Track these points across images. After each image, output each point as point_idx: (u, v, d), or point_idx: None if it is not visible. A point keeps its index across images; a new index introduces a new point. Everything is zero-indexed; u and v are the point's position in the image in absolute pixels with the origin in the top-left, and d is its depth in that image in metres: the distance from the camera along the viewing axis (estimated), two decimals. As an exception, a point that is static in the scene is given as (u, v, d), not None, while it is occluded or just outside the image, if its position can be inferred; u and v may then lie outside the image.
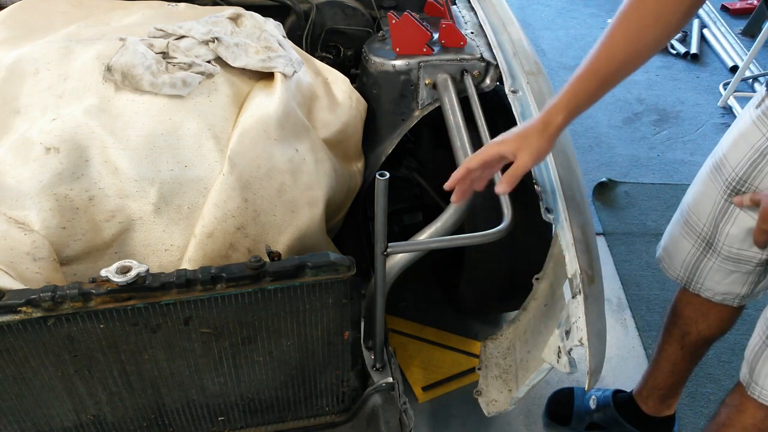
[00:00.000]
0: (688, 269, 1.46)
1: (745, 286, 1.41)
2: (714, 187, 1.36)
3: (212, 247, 1.27)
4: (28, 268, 1.18)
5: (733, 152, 1.31)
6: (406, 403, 1.36)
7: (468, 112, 1.50)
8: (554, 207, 1.26)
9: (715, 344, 1.64)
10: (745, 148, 1.28)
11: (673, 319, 1.61)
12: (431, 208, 1.76)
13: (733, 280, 1.41)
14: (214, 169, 1.29)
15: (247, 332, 1.21)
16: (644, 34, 1.06)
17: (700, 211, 1.40)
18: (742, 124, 1.31)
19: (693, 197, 1.43)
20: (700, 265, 1.43)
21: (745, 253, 1.35)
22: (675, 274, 1.50)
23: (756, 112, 1.27)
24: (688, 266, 1.46)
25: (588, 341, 1.10)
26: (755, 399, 1.25)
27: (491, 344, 1.50)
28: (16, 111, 1.31)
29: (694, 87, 3.39)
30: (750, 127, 1.28)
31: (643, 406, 1.73)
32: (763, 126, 1.25)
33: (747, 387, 1.26)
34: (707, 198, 1.37)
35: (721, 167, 1.34)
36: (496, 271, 1.67)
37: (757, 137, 1.26)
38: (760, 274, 1.38)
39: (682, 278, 1.48)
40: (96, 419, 1.27)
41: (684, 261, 1.46)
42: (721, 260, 1.39)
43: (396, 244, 1.20)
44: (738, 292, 1.43)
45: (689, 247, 1.44)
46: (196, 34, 1.41)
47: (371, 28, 1.94)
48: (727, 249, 1.36)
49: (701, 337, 1.56)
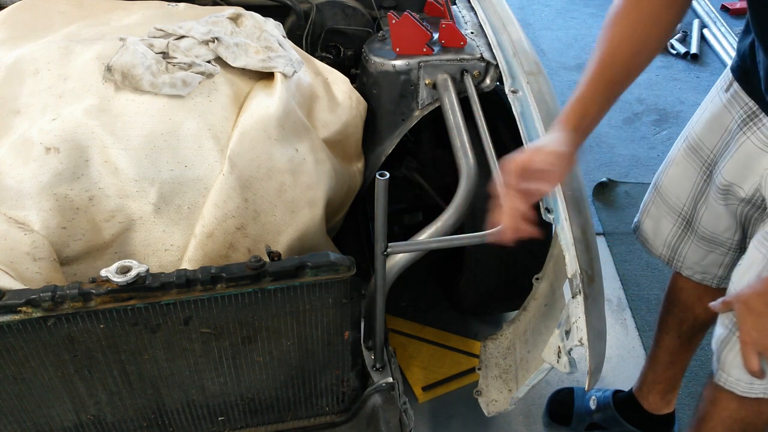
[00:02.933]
0: (670, 247, 1.50)
1: (721, 268, 1.45)
2: (693, 168, 1.39)
3: (212, 247, 1.27)
4: (28, 268, 1.18)
5: (708, 134, 1.34)
6: (406, 403, 1.36)
7: (468, 112, 1.50)
8: (554, 207, 1.26)
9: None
10: (719, 131, 1.31)
11: (668, 308, 1.63)
12: (431, 208, 1.76)
13: (710, 260, 1.45)
14: (214, 169, 1.29)
15: (247, 332, 1.21)
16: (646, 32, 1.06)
17: (679, 192, 1.43)
18: (713, 107, 1.33)
19: (671, 178, 1.45)
20: (681, 243, 1.47)
21: (718, 237, 1.39)
22: (657, 252, 1.53)
23: (726, 96, 1.30)
24: (670, 245, 1.50)
25: (588, 341, 1.10)
26: (726, 389, 1.26)
27: (491, 344, 1.50)
28: (16, 111, 1.31)
29: (694, 87, 3.39)
30: (721, 110, 1.30)
31: (643, 402, 1.74)
32: (732, 109, 1.27)
33: (716, 377, 1.27)
34: (686, 179, 1.41)
35: (697, 149, 1.37)
36: (496, 271, 1.67)
37: (728, 120, 1.29)
38: (734, 258, 1.41)
39: (664, 256, 1.52)
40: (96, 419, 1.27)
41: (665, 240, 1.50)
42: (697, 239, 1.43)
43: (396, 244, 1.20)
44: (715, 273, 1.47)
45: (670, 226, 1.48)
46: (196, 34, 1.41)
47: (371, 28, 1.94)
48: (702, 230, 1.40)
49: (698, 321, 1.59)
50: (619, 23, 1.07)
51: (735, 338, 1.20)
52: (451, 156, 1.44)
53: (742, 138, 1.24)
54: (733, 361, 1.22)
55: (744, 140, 1.23)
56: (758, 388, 1.23)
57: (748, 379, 1.22)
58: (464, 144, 1.42)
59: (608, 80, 1.08)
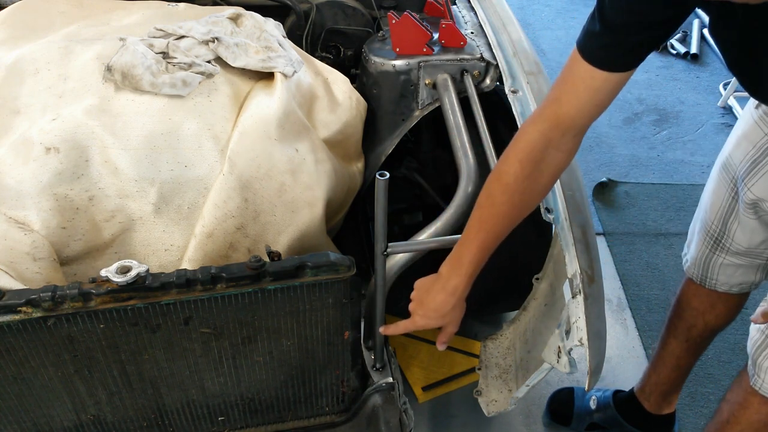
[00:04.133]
0: (701, 267, 1.50)
1: (758, 273, 1.46)
2: (723, 186, 1.40)
3: (212, 247, 1.27)
4: (28, 268, 1.18)
5: (737, 151, 1.35)
6: (406, 403, 1.36)
7: (468, 112, 1.50)
8: (554, 207, 1.26)
9: (715, 344, 1.65)
10: (747, 147, 1.31)
11: (678, 313, 1.62)
12: (431, 208, 1.75)
13: (743, 271, 1.45)
14: (214, 169, 1.29)
15: (247, 332, 1.21)
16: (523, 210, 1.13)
17: (711, 209, 1.44)
18: (744, 124, 1.34)
19: (707, 196, 1.47)
20: (710, 262, 1.47)
21: (753, 250, 1.39)
22: (689, 273, 1.54)
23: (757, 113, 1.30)
24: (700, 264, 1.50)
25: (588, 341, 1.10)
26: (760, 393, 1.25)
27: (491, 344, 1.50)
28: (16, 111, 1.31)
29: (694, 87, 3.39)
30: (752, 127, 1.30)
31: (645, 403, 1.74)
32: (764, 125, 1.27)
33: (752, 381, 1.27)
34: (717, 196, 1.42)
35: (727, 166, 1.38)
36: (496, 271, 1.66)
37: (760, 136, 1.28)
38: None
39: (697, 276, 1.52)
40: (96, 419, 1.27)
41: (696, 259, 1.51)
42: (731, 255, 1.43)
43: (396, 244, 1.20)
44: (752, 280, 1.47)
45: (700, 245, 1.48)
46: (196, 34, 1.41)
47: (371, 28, 1.94)
48: (736, 246, 1.40)
49: (708, 328, 1.59)
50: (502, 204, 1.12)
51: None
52: (451, 156, 1.44)
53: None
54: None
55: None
56: None
57: None
58: (464, 144, 1.42)
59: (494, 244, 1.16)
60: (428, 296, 1.19)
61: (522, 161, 1.08)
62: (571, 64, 1.03)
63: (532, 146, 1.07)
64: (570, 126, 1.06)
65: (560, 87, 1.06)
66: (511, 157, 1.09)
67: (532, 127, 1.08)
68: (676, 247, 2.43)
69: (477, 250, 1.14)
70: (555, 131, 1.06)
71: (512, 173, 1.09)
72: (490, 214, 1.13)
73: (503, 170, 1.10)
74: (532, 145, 1.07)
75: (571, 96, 1.04)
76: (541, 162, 1.08)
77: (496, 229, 1.13)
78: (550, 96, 1.08)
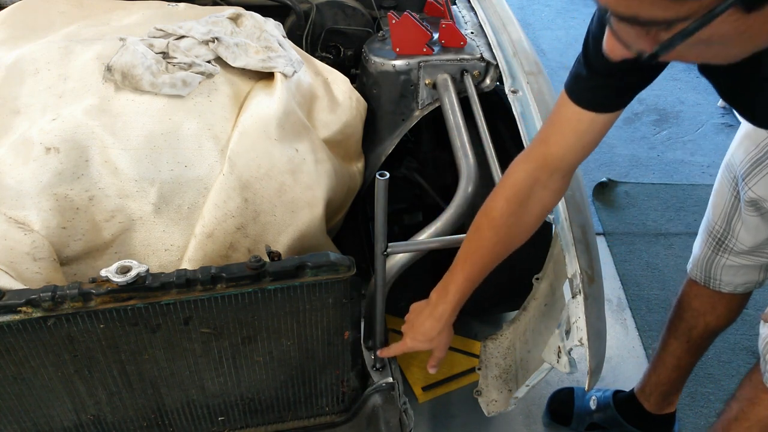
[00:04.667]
0: (703, 268, 1.50)
1: (762, 272, 1.46)
2: (725, 186, 1.41)
3: (212, 247, 1.27)
4: (28, 268, 1.18)
5: (738, 151, 1.36)
6: (406, 403, 1.36)
7: (468, 112, 1.50)
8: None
9: (716, 344, 1.64)
10: (749, 147, 1.32)
11: (679, 314, 1.62)
12: (431, 208, 1.76)
13: (747, 270, 1.45)
14: (214, 169, 1.29)
15: (247, 332, 1.21)
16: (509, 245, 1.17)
17: (714, 210, 1.45)
18: (747, 125, 1.34)
19: (712, 197, 1.47)
20: (713, 263, 1.48)
21: (759, 248, 1.39)
22: (692, 275, 1.54)
23: None
24: (703, 265, 1.50)
25: (588, 341, 1.10)
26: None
27: (491, 344, 1.50)
28: (16, 111, 1.31)
29: (694, 87, 3.39)
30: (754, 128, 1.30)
31: (645, 403, 1.74)
32: None
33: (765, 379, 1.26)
34: (720, 197, 1.42)
35: (730, 167, 1.39)
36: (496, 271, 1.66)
37: (763, 136, 1.29)
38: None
39: (701, 278, 1.52)
40: (96, 419, 1.27)
41: (699, 260, 1.51)
42: (734, 255, 1.43)
43: (396, 244, 1.21)
44: (756, 279, 1.47)
45: (703, 246, 1.49)
46: (196, 34, 1.41)
47: (371, 28, 1.94)
48: (740, 246, 1.40)
49: (709, 329, 1.59)
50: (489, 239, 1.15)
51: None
52: (451, 156, 1.44)
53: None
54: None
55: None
56: None
57: None
58: (464, 144, 1.42)
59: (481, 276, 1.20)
60: (418, 320, 1.25)
61: (509, 199, 1.11)
62: (559, 106, 1.05)
63: (519, 185, 1.11)
64: (557, 166, 1.09)
65: (548, 128, 1.09)
66: (499, 195, 1.13)
67: (520, 167, 1.12)
68: (676, 247, 2.43)
69: (463, 281, 1.19)
70: (542, 171, 1.09)
71: (498, 209, 1.13)
72: (477, 247, 1.17)
73: (490, 206, 1.14)
74: (520, 184, 1.11)
75: (558, 137, 1.06)
76: (527, 201, 1.11)
77: (483, 261, 1.18)
78: (538, 137, 1.11)
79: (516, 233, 1.15)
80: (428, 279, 1.36)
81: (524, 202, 1.11)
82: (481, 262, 1.18)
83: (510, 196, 1.11)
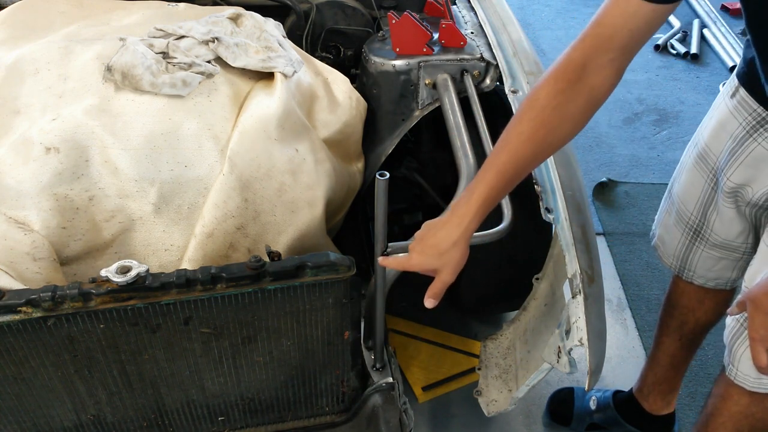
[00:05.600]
0: (680, 258, 1.50)
1: (735, 270, 1.45)
2: (701, 176, 1.40)
3: (212, 247, 1.27)
4: (28, 268, 1.18)
5: (715, 142, 1.35)
6: (406, 403, 1.36)
7: (468, 112, 1.50)
8: (554, 207, 1.26)
9: (715, 344, 1.64)
10: (724, 137, 1.31)
11: (669, 311, 1.63)
12: (431, 208, 1.76)
13: (723, 266, 1.45)
14: (214, 169, 1.29)
15: (247, 332, 1.21)
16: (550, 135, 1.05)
17: (688, 200, 1.44)
18: (720, 114, 1.33)
19: (682, 187, 1.46)
20: (690, 253, 1.48)
21: (731, 243, 1.39)
22: (668, 262, 1.54)
23: (732, 102, 1.30)
24: (679, 255, 1.50)
25: (588, 341, 1.10)
26: (738, 385, 1.26)
27: (491, 344, 1.50)
28: (16, 111, 1.31)
29: (694, 87, 3.39)
30: (727, 117, 1.30)
31: (644, 403, 1.74)
32: (739, 115, 1.27)
33: (728, 371, 1.27)
34: (694, 187, 1.41)
35: (705, 157, 1.38)
36: (496, 270, 1.67)
37: (735, 126, 1.28)
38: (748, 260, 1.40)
39: (675, 267, 1.53)
40: (96, 419, 1.27)
41: (675, 249, 1.50)
42: (709, 247, 1.43)
43: (396, 244, 1.20)
44: (729, 276, 1.47)
45: (679, 236, 1.48)
46: (196, 34, 1.41)
47: (371, 28, 1.94)
48: (714, 237, 1.40)
49: (699, 324, 1.59)
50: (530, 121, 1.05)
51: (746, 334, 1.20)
52: (451, 156, 1.44)
53: (753, 144, 1.24)
54: (743, 355, 1.22)
55: (755, 146, 1.24)
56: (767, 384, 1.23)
57: (755, 374, 1.22)
58: (464, 144, 1.42)
59: (513, 175, 1.07)
60: (430, 232, 1.10)
61: (557, 78, 1.03)
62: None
63: (571, 63, 1.02)
64: (609, 47, 1.01)
65: (600, 11, 1.02)
66: (548, 75, 1.04)
67: (571, 48, 1.04)
68: (676, 247, 2.43)
69: (493, 177, 1.05)
70: (595, 50, 1.02)
71: (545, 88, 1.03)
72: (517, 133, 1.04)
73: (536, 88, 1.05)
74: (570, 62, 1.02)
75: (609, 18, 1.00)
76: (578, 82, 1.02)
77: (518, 154, 1.04)
78: (590, 21, 1.04)
79: (560, 120, 1.03)
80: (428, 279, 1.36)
81: (574, 83, 1.02)
82: (516, 155, 1.04)
83: (560, 74, 1.03)
